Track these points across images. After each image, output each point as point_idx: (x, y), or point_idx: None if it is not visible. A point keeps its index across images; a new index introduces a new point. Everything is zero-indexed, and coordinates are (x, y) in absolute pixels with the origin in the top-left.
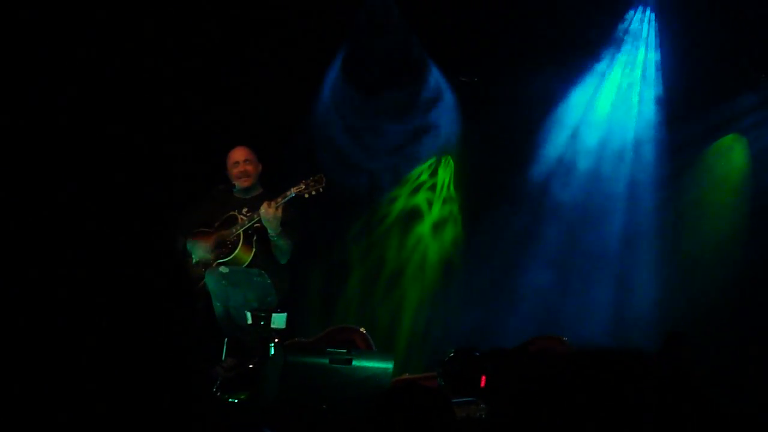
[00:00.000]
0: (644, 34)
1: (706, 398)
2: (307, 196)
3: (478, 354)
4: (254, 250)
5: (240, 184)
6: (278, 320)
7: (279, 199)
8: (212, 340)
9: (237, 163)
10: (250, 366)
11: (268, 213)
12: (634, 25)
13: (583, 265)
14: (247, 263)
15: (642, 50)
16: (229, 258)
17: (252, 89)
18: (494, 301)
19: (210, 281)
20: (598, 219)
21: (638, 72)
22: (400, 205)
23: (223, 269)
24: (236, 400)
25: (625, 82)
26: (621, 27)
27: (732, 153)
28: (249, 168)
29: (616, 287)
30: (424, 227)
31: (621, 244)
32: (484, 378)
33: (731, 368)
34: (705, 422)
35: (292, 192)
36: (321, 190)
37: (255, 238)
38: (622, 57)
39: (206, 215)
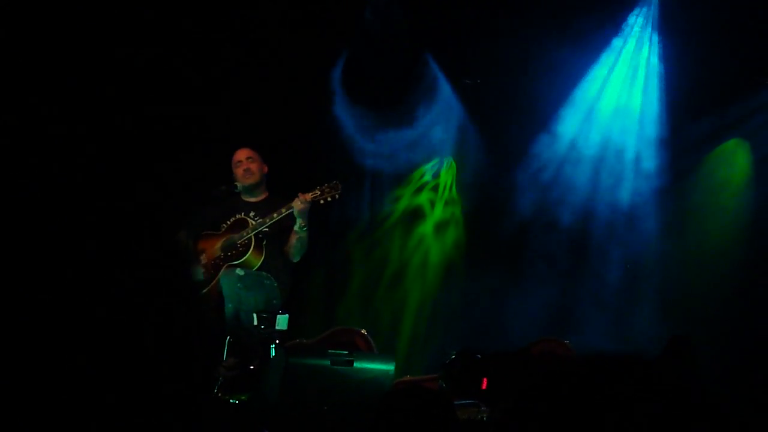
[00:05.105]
0: (646, 37)
1: (708, 402)
2: (322, 202)
3: (479, 356)
4: (264, 253)
5: (244, 181)
6: (280, 321)
7: (309, 195)
8: (216, 341)
9: (240, 162)
10: (252, 367)
11: (305, 204)
12: (636, 29)
13: (585, 269)
14: (257, 267)
15: (644, 54)
16: (240, 261)
17: (256, 91)
18: (496, 304)
19: (225, 283)
20: (601, 222)
21: (640, 76)
22: (403, 204)
23: (239, 271)
24: (237, 401)
25: (627, 85)
26: (622, 31)
27: (734, 157)
28: (252, 166)
29: (619, 290)
30: (427, 227)
31: (623, 247)
32: (485, 380)
33: (734, 372)
34: (707, 425)
35: (318, 192)
36: (336, 197)
37: (265, 242)
38: (623, 61)
39: (212, 217)
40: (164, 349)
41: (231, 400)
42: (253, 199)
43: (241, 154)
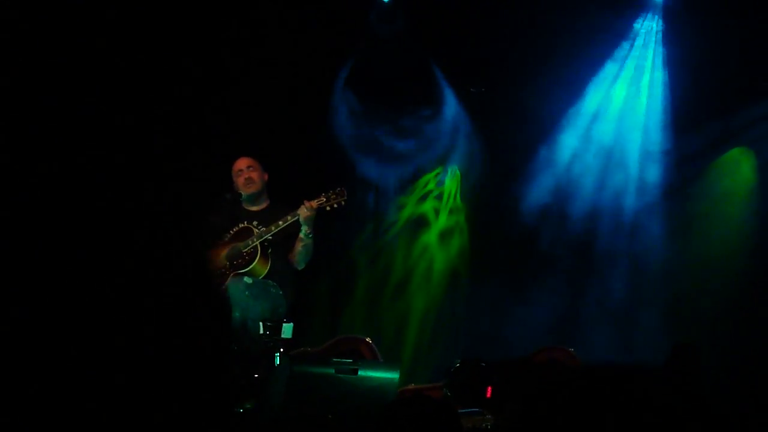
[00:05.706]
0: (651, 46)
1: (713, 410)
2: (328, 209)
3: (484, 364)
4: (270, 262)
5: (246, 191)
6: (285, 330)
7: (315, 203)
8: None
9: (241, 171)
10: (256, 375)
11: (311, 212)
12: (641, 37)
13: (589, 277)
14: (263, 275)
15: (648, 62)
16: (246, 269)
17: (257, 98)
18: (500, 312)
19: (234, 290)
20: (605, 231)
21: (645, 84)
22: (407, 212)
23: (247, 279)
24: (242, 410)
25: (632, 94)
26: (627, 39)
27: (739, 166)
28: (253, 175)
29: (623, 298)
30: (431, 236)
31: (627, 256)
32: (490, 389)
33: (738, 379)
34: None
35: (323, 199)
36: (343, 203)
37: (270, 250)
38: (628, 69)
39: (215, 226)
40: (179, 355)
41: (236, 409)
42: (255, 208)
43: (242, 163)
